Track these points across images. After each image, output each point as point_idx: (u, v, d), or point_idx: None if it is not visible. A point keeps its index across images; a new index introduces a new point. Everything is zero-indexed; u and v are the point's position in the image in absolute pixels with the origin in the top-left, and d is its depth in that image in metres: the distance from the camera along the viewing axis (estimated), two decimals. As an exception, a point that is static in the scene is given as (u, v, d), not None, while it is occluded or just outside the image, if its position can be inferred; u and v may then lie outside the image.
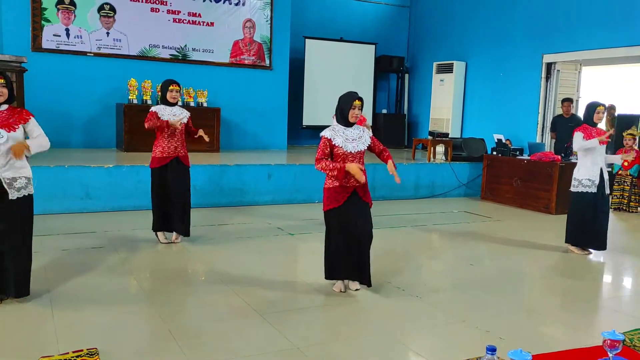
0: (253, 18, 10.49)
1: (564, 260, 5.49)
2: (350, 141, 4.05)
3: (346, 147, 4.01)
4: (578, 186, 5.53)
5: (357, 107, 4.02)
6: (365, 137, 4.13)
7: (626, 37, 8.71)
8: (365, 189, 4.13)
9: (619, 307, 4.26)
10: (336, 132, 4.06)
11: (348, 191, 4.04)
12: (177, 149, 5.29)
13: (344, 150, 4.01)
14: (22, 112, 3.74)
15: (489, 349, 2.05)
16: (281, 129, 10.86)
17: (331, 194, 4.05)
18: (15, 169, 3.65)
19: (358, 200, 4.09)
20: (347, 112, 4.04)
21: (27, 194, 3.71)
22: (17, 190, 3.64)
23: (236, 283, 4.35)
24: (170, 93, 5.24)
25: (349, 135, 4.07)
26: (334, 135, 4.05)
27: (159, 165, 5.24)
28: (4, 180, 3.59)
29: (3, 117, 3.62)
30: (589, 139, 5.41)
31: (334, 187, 4.04)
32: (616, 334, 2.44)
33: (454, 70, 11.53)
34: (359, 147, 4.06)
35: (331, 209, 4.07)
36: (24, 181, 3.68)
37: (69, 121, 9.07)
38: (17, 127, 3.64)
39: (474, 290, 4.45)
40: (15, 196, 3.63)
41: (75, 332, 3.33)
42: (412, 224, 6.95)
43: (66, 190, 6.66)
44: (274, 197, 7.85)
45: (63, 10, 9.03)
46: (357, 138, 4.08)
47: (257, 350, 3.18)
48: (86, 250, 5.15)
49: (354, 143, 4.05)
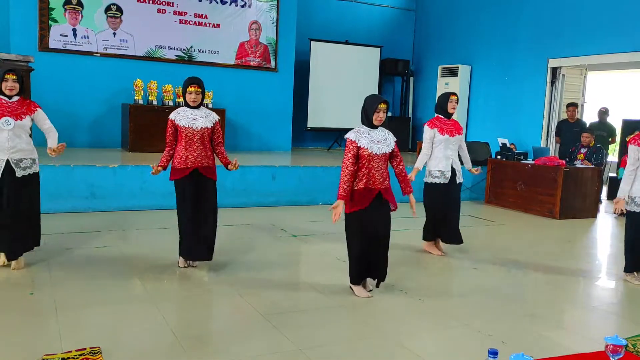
0: (259, 20, 10.52)
1: (567, 265, 5.48)
2: (376, 143, 4.06)
3: (372, 149, 4.03)
4: None
5: (381, 110, 4.04)
6: (390, 141, 4.15)
7: (631, 43, 8.69)
8: (389, 191, 4.13)
9: (623, 312, 4.25)
10: (361, 134, 4.07)
11: (373, 194, 4.05)
12: (198, 159, 4.48)
13: (370, 152, 4.02)
14: (30, 104, 4.38)
15: (490, 352, 2.06)
16: (286, 131, 10.89)
17: (356, 196, 4.04)
18: (22, 151, 4.28)
19: (382, 204, 4.12)
20: (371, 114, 4.05)
21: (32, 172, 4.36)
22: (22, 169, 4.29)
23: (239, 284, 4.36)
24: (189, 95, 4.47)
25: (374, 137, 4.08)
26: (359, 137, 4.05)
27: (179, 177, 4.51)
28: (12, 160, 4.23)
29: (13, 107, 4.25)
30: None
31: (359, 190, 4.04)
32: (619, 339, 2.44)
33: (459, 74, 11.53)
34: (384, 150, 4.09)
35: (355, 211, 4.07)
36: (29, 162, 4.34)
37: (75, 121, 9.10)
38: (24, 117, 4.28)
39: (477, 294, 4.45)
40: (21, 174, 4.27)
41: (79, 330, 3.35)
42: (414, 227, 6.95)
43: (71, 189, 6.70)
44: (277, 198, 7.86)
45: (70, 11, 9.08)
46: (382, 140, 4.11)
47: (259, 352, 3.19)
48: (90, 249, 5.17)
49: (379, 145, 4.07)
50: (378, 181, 4.05)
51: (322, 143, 12.14)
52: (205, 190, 4.58)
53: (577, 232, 7.24)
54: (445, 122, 5.45)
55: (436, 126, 5.43)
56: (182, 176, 4.48)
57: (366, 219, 4.07)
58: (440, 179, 5.42)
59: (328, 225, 6.60)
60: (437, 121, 5.48)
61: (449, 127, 5.44)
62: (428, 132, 5.44)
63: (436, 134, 5.40)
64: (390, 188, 4.16)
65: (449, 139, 5.40)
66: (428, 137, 5.44)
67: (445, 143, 5.40)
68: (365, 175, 4.03)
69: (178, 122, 4.48)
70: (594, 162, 8.43)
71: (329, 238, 6.05)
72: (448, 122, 5.46)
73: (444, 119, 5.47)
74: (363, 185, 4.03)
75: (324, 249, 5.71)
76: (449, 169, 5.43)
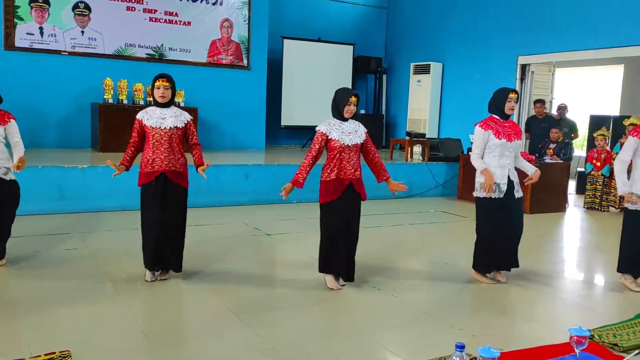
0: (231, 18, 10.46)
1: (538, 259, 5.58)
2: (347, 134, 4.16)
3: (343, 140, 4.12)
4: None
5: (352, 104, 4.13)
6: (360, 132, 4.24)
7: (598, 40, 8.90)
8: (360, 182, 4.25)
9: (592, 305, 4.35)
10: (332, 126, 4.16)
11: (344, 184, 4.15)
12: (165, 162, 4.13)
13: (341, 144, 4.12)
14: (4, 115, 4.40)
15: (457, 346, 2.09)
16: (259, 129, 10.84)
17: (328, 187, 4.15)
18: None
19: (353, 195, 4.21)
20: (342, 107, 4.14)
21: (8, 179, 4.44)
22: None
23: (212, 284, 4.33)
24: (157, 90, 4.13)
25: (345, 128, 4.17)
26: (330, 129, 4.15)
27: (145, 182, 4.16)
28: None
29: None
30: None
31: (331, 181, 4.14)
32: (582, 330, 2.50)
33: (431, 71, 11.65)
34: (355, 141, 4.18)
35: (328, 202, 4.17)
36: (3, 170, 4.39)
37: (43, 121, 8.93)
38: None
39: (449, 289, 4.51)
40: None
41: (48, 334, 3.29)
42: (388, 224, 7.00)
43: (40, 191, 6.55)
44: (251, 197, 7.83)
45: (36, 9, 8.89)
46: (353, 132, 4.20)
47: (232, 351, 3.17)
48: (60, 252, 5.08)
49: (350, 136, 4.16)
50: (349, 172, 4.15)
51: (296, 141, 12.12)
52: (172, 199, 4.21)
53: (547, 226, 7.38)
54: (501, 124, 4.51)
55: (491, 127, 4.48)
56: (149, 181, 4.13)
57: (338, 210, 4.16)
58: (495, 193, 4.46)
59: (302, 224, 6.61)
60: (491, 122, 4.52)
61: (507, 130, 4.49)
62: (481, 135, 4.48)
63: (491, 137, 4.46)
64: (361, 179, 4.27)
65: (506, 144, 4.44)
66: (481, 140, 4.48)
67: (502, 149, 4.45)
68: (336, 167, 4.13)
69: (145, 121, 4.15)
70: (562, 157, 8.61)
71: (302, 236, 6.06)
72: (505, 124, 4.52)
73: (500, 120, 4.53)
74: (335, 176, 4.14)
75: (298, 246, 5.71)
76: (505, 181, 4.47)
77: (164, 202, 4.18)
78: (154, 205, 4.17)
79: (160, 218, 4.17)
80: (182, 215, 4.32)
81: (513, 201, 4.52)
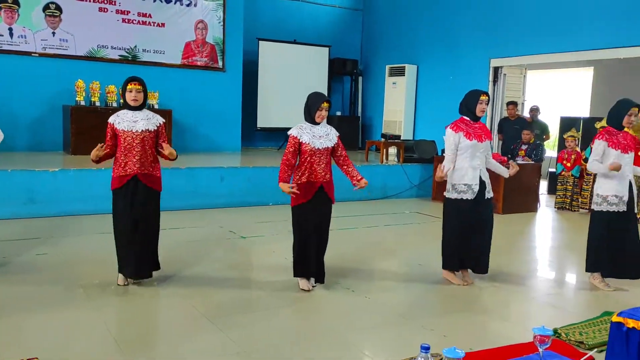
0: (205, 19, 10.40)
1: (510, 259, 5.66)
2: (318, 138, 4.22)
3: (313, 144, 4.19)
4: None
5: (324, 109, 4.21)
6: (332, 135, 4.31)
7: (568, 43, 9.08)
8: (330, 185, 4.31)
9: (562, 303, 4.43)
10: (303, 130, 4.24)
11: (315, 187, 4.21)
12: (137, 165, 4.10)
13: (312, 147, 4.19)
14: None
15: (422, 347, 2.12)
16: (235, 131, 10.80)
17: (300, 189, 4.18)
18: None
19: (323, 197, 4.27)
20: (314, 112, 4.21)
21: None
22: None
23: (185, 287, 4.31)
24: (130, 94, 4.11)
25: (316, 132, 4.25)
26: (301, 133, 4.22)
27: (118, 186, 4.14)
28: None
29: None
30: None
31: (302, 184, 4.20)
32: (545, 330, 2.55)
33: (405, 74, 11.75)
34: (326, 144, 4.25)
35: (299, 204, 4.22)
36: None
37: (13, 123, 8.73)
38: None
39: (422, 290, 4.56)
40: None
41: (17, 341, 3.24)
42: (363, 225, 7.04)
43: (9, 195, 6.44)
44: (227, 200, 7.79)
45: (6, 9, 8.73)
46: (325, 135, 4.27)
47: (204, 356, 3.16)
48: (31, 256, 4.99)
49: (321, 140, 4.24)
50: (320, 175, 4.21)
51: (272, 143, 12.10)
52: (146, 202, 4.18)
53: (519, 226, 7.49)
54: (472, 125, 4.57)
55: (461, 129, 4.54)
56: (121, 184, 4.11)
57: (309, 212, 4.23)
58: (467, 193, 4.54)
59: (277, 226, 6.60)
60: (462, 123, 4.57)
61: (477, 130, 4.55)
62: (452, 137, 4.55)
63: (462, 139, 4.52)
64: (332, 182, 4.33)
65: (477, 144, 4.50)
66: (452, 142, 4.56)
67: (473, 150, 4.50)
68: (307, 170, 4.20)
69: (117, 125, 4.11)
70: (534, 158, 8.76)
71: (278, 239, 6.05)
72: (475, 126, 4.58)
73: (470, 122, 4.58)
74: (305, 179, 4.20)
75: (273, 249, 5.71)
76: (476, 182, 4.53)
77: (137, 206, 4.16)
78: (126, 208, 4.15)
79: (133, 222, 4.16)
80: (155, 219, 4.31)
81: (483, 201, 4.60)
